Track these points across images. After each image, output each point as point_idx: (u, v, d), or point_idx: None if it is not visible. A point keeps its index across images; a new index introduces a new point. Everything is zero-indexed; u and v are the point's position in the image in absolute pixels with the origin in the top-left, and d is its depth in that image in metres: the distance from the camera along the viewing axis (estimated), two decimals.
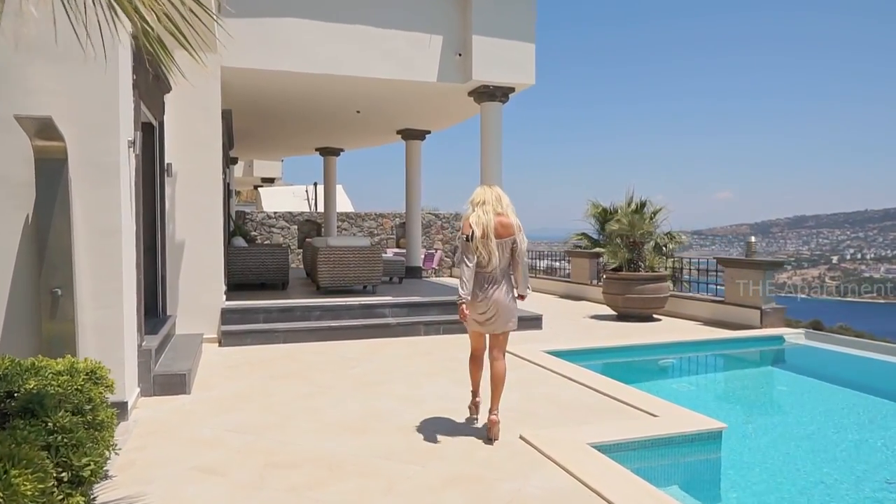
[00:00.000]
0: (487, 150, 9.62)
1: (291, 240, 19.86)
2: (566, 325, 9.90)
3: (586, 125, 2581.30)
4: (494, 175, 9.60)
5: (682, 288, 11.86)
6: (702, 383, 7.47)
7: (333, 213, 16.95)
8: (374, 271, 10.02)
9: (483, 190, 4.56)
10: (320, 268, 9.78)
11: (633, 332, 9.28)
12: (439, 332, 8.82)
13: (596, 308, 11.92)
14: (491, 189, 4.56)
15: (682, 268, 11.85)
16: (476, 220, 4.36)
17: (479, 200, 4.47)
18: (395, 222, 21.09)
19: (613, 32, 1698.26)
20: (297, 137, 14.66)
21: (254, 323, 8.34)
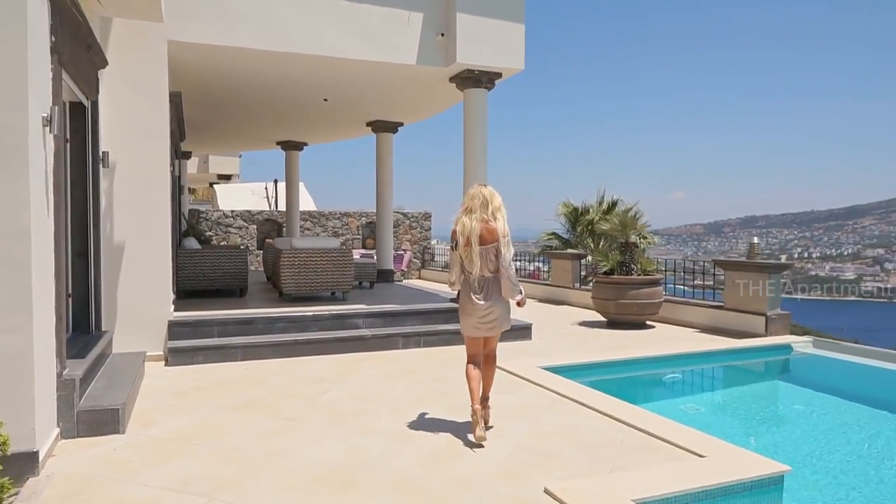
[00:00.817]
0: (472, 143, 8.70)
1: (250, 240, 18.59)
2: (556, 334, 9.06)
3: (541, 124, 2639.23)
4: (480, 170, 8.69)
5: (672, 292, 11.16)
6: (719, 404, 6.70)
7: (296, 212, 15.80)
8: (345, 276, 9.00)
9: (471, 192, 4.54)
10: (284, 272, 8.71)
11: (629, 341, 8.50)
12: (419, 345, 7.86)
13: (581, 314, 11.13)
14: (483, 189, 4.53)
15: (664, 270, 11.13)
16: (461, 229, 4.42)
17: (466, 206, 4.48)
18: (361, 222, 20.02)
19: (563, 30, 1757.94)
20: (257, 129, 13.48)
21: (207, 337, 7.23)
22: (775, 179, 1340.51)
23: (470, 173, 8.68)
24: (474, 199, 4.48)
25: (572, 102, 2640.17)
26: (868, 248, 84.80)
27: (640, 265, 9.77)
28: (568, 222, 19.09)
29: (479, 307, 4.41)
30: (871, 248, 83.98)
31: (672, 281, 10.45)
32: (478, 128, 8.70)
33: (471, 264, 4.38)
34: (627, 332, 9.21)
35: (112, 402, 4.67)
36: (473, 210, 4.44)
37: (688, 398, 6.86)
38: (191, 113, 10.94)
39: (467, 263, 4.41)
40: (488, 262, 4.39)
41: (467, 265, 4.42)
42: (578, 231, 19.43)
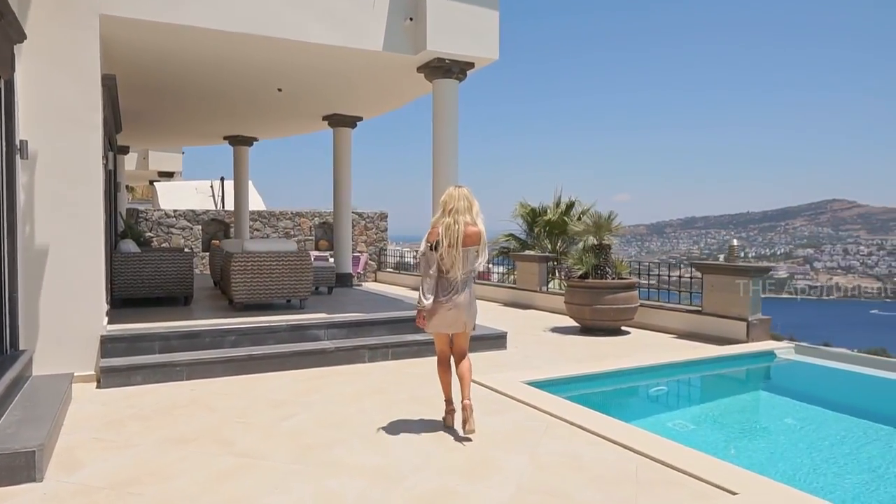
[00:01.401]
0: (442, 138, 8.07)
1: (195, 242, 17.44)
2: (530, 342, 8.52)
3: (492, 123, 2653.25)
4: (450, 167, 8.07)
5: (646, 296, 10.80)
6: (710, 419, 6.26)
7: (245, 212, 14.82)
8: (303, 282, 8.22)
9: (453, 193, 4.50)
10: (235, 278, 7.87)
11: (609, 349, 8.04)
12: (387, 358, 7.18)
13: (551, 319, 10.66)
14: (460, 191, 4.52)
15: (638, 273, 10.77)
16: (446, 231, 4.37)
17: (451, 207, 4.43)
18: (314, 222, 19.12)
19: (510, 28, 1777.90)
20: (203, 122, 12.49)
21: (147, 354, 6.36)
22: (714, 181, 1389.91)
23: (440, 170, 8.06)
24: (459, 200, 4.45)
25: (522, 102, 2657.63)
26: (799, 248, 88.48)
27: (616, 268, 9.35)
28: (525, 223, 18.79)
29: (448, 305, 4.44)
30: (801, 248, 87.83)
31: (646, 284, 10.08)
32: (448, 121, 8.08)
33: (451, 265, 4.39)
34: (604, 339, 8.76)
35: (26, 441, 3.83)
36: (459, 211, 4.41)
37: (676, 413, 6.41)
38: (128, 101, 9.93)
39: (447, 264, 4.39)
40: (467, 264, 4.45)
41: (446, 266, 4.40)
42: (536, 232, 19.12)
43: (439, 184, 7.99)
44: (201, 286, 11.17)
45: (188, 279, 8.52)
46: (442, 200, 4.53)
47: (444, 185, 7.95)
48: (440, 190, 7.80)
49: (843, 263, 75.82)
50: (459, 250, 4.36)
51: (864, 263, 75.66)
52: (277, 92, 9.77)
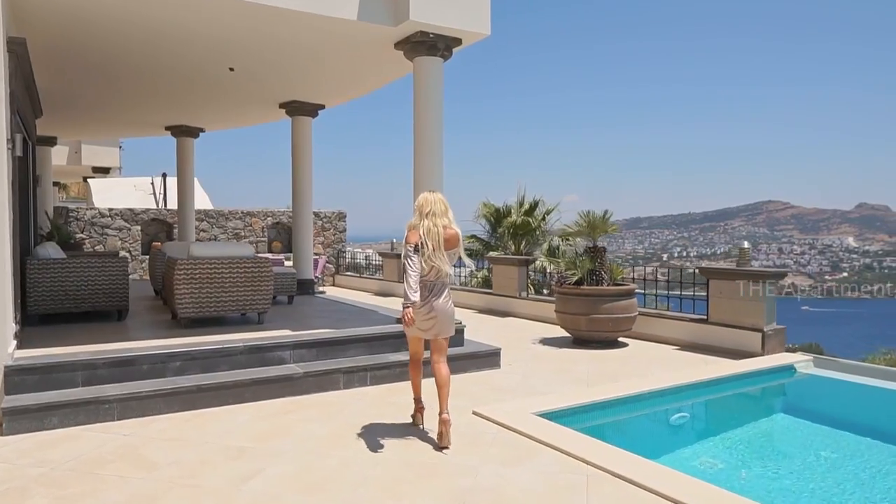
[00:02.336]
0: (424, 125, 6.99)
1: (133, 244, 15.80)
2: (523, 358, 7.53)
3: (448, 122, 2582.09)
4: (433, 158, 7.00)
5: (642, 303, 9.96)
6: (755, 451, 5.38)
7: (190, 211, 13.36)
8: (261, 292, 7.00)
9: (429, 197, 4.55)
10: (180, 289, 6.59)
11: (614, 366, 7.13)
12: (366, 383, 6.07)
13: (536, 328, 9.72)
14: (433, 195, 4.59)
15: (633, 278, 9.93)
16: (427, 232, 4.41)
17: (428, 210, 4.48)
18: (266, 222, 17.70)
19: None
20: (140, 108, 11.02)
21: (67, 387, 5.07)
22: (659, 182, 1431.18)
23: (423, 162, 6.98)
24: (435, 203, 4.51)
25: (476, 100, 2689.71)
26: (737, 247, 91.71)
27: (612, 273, 8.46)
28: (489, 224, 18.01)
29: (425, 309, 4.44)
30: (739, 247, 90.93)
31: (641, 290, 9.23)
32: (431, 106, 7.00)
33: (432, 268, 4.43)
34: (603, 353, 7.86)
35: None
36: (436, 214, 4.46)
37: (708, 446, 5.50)
38: (47, 79, 8.47)
39: (427, 267, 4.42)
40: (445, 266, 4.48)
41: (427, 269, 4.43)
42: (500, 233, 18.31)
43: (422, 177, 6.93)
44: (140, 295, 9.75)
45: (122, 290, 7.17)
46: (418, 204, 4.54)
47: (427, 178, 6.91)
48: (422, 184, 6.76)
49: (778, 262, 78.49)
50: (442, 252, 4.41)
51: (797, 262, 78.46)
52: (229, 72, 8.48)
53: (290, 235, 18.17)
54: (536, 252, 19.01)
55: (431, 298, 4.45)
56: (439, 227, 4.42)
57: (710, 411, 6.55)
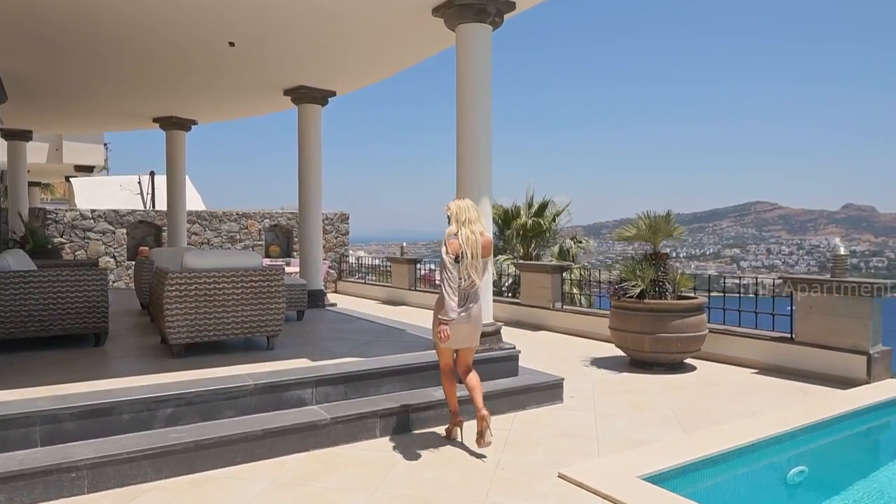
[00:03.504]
0: (470, 105, 5.75)
1: (118, 249, 14.45)
2: (585, 386, 6.30)
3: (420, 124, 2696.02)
4: (482, 153, 5.76)
5: None
6: None
7: (181, 212, 12.04)
8: (272, 311, 5.73)
9: (461, 204, 4.43)
10: (172, 309, 5.31)
11: (692, 395, 5.93)
12: (407, 428, 4.82)
13: (579, 345, 8.53)
14: (464, 202, 4.47)
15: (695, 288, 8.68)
16: (466, 241, 4.30)
17: (464, 218, 4.37)
18: (263, 224, 16.39)
19: None
20: (125, 96, 9.70)
21: (19, 448, 3.78)
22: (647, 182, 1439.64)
23: (468, 154, 5.74)
24: (469, 210, 4.39)
25: None
26: (726, 248, 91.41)
27: (676, 283, 7.26)
28: (496, 226, 17.12)
29: (465, 316, 4.33)
30: (728, 248, 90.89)
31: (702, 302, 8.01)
32: (479, 86, 5.75)
33: (469, 277, 4.31)
34: (673, 379, 6.66)
35: None
36: (471, 221, 4.36)
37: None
38: (11, 62, 7.16)
39: (467, 276, 4.29)
40: (483, 274, 4.44)
41: (465, 277, 4.29)
42: (507, 235, 17.38)
43: (468, 174, 5.75)
44: (124, 309, 8.44)
45: (100, 309, 5.87)
46: (453, 212, 4.38)
47: (474, 176, 5.71)
48: (468, 183, 5.63)
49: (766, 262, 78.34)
50: (479, 261, 4.35)
51: (785, 262, 78.36)
52: (226, 50, 7.20)
53: (288, 238, 16.88)
54: (545, 255, 18.01)
55: (469, 304, 4.36)
56: (476, 235, 4.33)
57: (840, 460, 5.32)
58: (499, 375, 5.62)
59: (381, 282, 15.17)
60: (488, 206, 5.78)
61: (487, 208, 5.77)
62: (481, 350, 5.55)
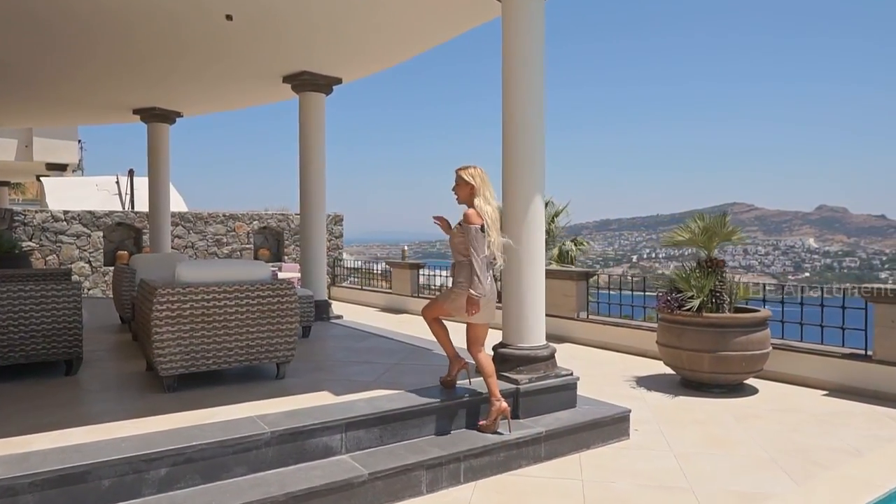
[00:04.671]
0: (524, 84, 4.84)
1: (93, 253, 13.32)
2: (643, 416, 5.40)
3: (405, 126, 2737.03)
4: (534, 137, 4.86)
5: None
6: None
7: (165, 213, 10.97)
8: (283, 334, 4.76)
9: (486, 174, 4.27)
10: (162, 333, 4.31)
11: (775, 427, 5.09)
12: (459, 479, 3.91)
13: (612, 361, 7.71)
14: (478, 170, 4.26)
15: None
16: (495, 215, 4.18)
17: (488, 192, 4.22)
18: (252, 226, 15.34)
19: None
20: (101, 83, 8.65)
21: None
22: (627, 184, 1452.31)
23: (519, 145, 4.83)
24: (488, 182, 4.25)
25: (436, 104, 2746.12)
26: None
27: (739, 293, 6.43)
28: None
29: (490, 294, 4.18)
30: None
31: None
32: (533, 58, 4.85)
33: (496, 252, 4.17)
34: (740, 404, 5.83)
35: None
36: (493, 196, 4.24)
37: None
38: None
39: (491, 250, 4.12)
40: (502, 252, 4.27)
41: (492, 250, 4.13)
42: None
43: (517, 166, 4.83)
44: (101, 324, 7.40)
45: (73, 330, 4.85)
46: (478, 182, 4.18)
47: (528, 167, 4.83)
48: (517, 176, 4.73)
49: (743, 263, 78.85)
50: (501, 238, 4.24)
51: (761, 263, 78.97)
52: (216, 31, 6.21)
53: (279, 241, 15.86)
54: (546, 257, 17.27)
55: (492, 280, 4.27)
56: (494, 206, 4.20)
57: None
58: (555, 408, 4.72)
59: (374, 286, 14.23)
60: (541, 210, 4.88)
61: (539, 214, 4.87)
62: (536, 378, 4.66)
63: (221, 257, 14.66)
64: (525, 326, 4.80)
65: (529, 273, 4.79)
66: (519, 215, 4.80)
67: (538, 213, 4.83)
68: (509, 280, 4.88)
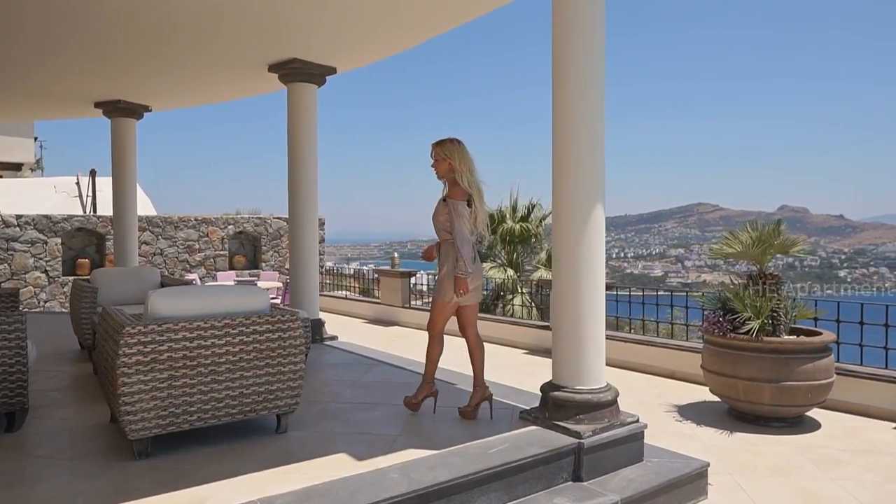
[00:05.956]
0: (580, 73, 3.97)
1: (50, 262, 12.08)
2: (717, 467, 4.59)
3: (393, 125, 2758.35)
4: (593, 134, 3.99)
5: None
6: None
7: (131, 217, 9.84)
8: (286, 376, 3.80)
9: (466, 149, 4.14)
10: (131, 383, 3.32)
11: (866, 472, 4.32)
12: None
13: (640, 384, 6.90)
14: None
15: None
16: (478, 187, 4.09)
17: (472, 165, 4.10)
18: (227, 231, 14.22)
19: None
20: (57, 69, 7.54)
21: None
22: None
23: (574, 144, 3.96)
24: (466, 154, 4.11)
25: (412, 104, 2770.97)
26: (671, 248, 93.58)
27: (798, 311, 5.66)
28: None
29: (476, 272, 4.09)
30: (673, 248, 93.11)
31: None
32: (593, 40, 3.98)
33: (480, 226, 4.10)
34: (808, 442, 5.07)
35: None
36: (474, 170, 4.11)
37: None
38: None
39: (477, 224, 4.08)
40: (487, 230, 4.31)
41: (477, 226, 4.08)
42: (491, 241, 16.10)
43: (575, 166, 3.95)
44: (55, 348, 6.32)
45: (14, 376, 3.82)
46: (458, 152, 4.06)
47: (586, 169, 3.97)
48: (575, 180, 3.87)
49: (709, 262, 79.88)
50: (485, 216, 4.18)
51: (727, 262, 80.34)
52: (193, 11, 5.20)
53: (255, 247, 14.77)
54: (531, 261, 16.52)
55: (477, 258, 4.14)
56: (477, 179, 4.11)
57: None
58: (622, 463, 3.86)
59: (369, 298, 13.25)
60: (602, 220, 4.00)
61: (600, 227, 4.00)
62: (600, 429, 3.79)
63: (194, 265, 13.52)
64: (584, 364, 3.94)
65: (590, 299, 3.93)
66: (576, 226, 3.93)
67: (599, 225, 3.96)
68: (563, 306, 4.01)
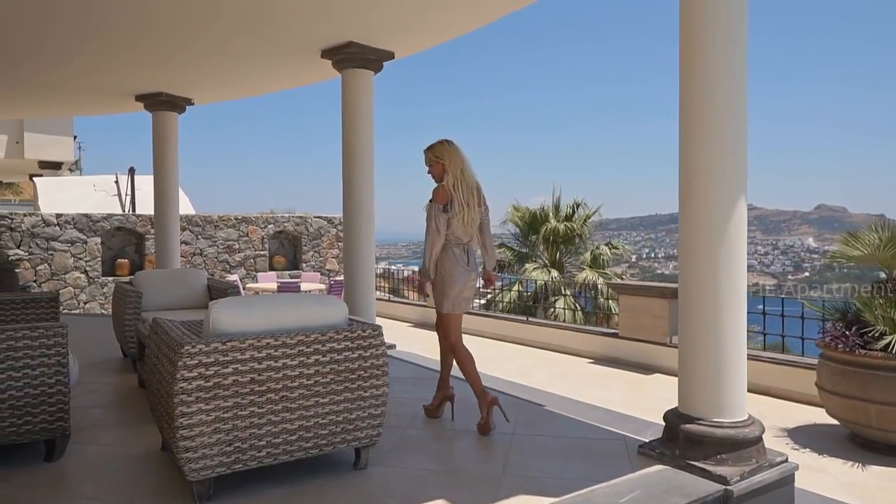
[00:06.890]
0: (718, 49, 3.29)
1: (90, 262, 11.76)
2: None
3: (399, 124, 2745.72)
4: (733, 120, 3.31)
5: None
6: None
7: (173, 216, 9.40)
8: (368, 402, 3.20)
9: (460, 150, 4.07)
10: (188, 412, 2.76)
11: None
12: None
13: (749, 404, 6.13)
14: None
15: None
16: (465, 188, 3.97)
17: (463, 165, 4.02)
18: (267, 231, 13.79)
19: None
20: (98, 62, 7.09)
21: None
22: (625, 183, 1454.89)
23: (711, 130, 3.29)
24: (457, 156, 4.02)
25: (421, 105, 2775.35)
26: None
27: None
28: (518, 229, 15.28)
29: (473, 276, 4.07)
30: None
31: None
32: (737, 13, 3.31)
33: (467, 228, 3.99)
34: None
35: None
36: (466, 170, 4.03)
37: None
38: None
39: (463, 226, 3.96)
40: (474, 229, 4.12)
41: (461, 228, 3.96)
42: (532, 240, 15.76)
43: (712, 152, 3.27)
44: (97, 356, 5.84)
45: (54, 398, 3.29)
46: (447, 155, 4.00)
47: (729, 157, 3.28)
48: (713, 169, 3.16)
49: None
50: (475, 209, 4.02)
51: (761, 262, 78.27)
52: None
53: (295, 248, 14.32)
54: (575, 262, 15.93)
55: (471, 265, 4.05)
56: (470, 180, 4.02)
57: None
58: None
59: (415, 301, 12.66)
60: (744, 221, 3.30)
61: (742, 229, 3.30)
62: (749, 471, 3.11)
63: (234, 265, 13.11)
64: (725, 393, 3.27)
65: (732, 314, 3.24)
66: (714, 228, 3.25)
67: (741, 227, 3.27)
68: (698, 323, 3.33)
